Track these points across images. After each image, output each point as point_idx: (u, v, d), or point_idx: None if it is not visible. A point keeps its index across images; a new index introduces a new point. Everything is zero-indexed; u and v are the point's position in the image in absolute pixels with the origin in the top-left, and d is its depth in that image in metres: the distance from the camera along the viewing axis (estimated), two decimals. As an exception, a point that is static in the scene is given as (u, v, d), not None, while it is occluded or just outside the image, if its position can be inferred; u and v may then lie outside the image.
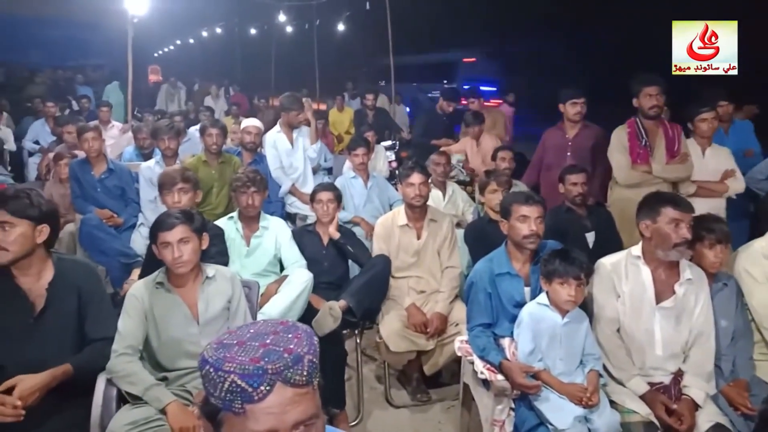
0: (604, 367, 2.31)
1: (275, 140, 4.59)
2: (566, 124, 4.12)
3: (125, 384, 2.04)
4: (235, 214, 3.24)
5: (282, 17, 12.81)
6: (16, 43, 19.39)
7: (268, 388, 0.89)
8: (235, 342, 0.94)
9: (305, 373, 0.92)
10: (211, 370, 0.91)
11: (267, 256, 3.16)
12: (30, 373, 1.91)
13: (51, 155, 4.86)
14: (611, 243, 3.18)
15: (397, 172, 5.90)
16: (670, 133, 3.61)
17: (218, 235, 2.89)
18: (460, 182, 4.79)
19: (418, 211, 3.16)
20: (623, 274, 2.35)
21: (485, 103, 7.22)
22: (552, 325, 2.25)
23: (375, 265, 3.06)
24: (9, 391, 1.86)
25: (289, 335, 0.96)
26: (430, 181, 3.44)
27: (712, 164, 3.68)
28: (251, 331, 0.97)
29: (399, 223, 3.19)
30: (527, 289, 2.45)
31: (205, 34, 20.60)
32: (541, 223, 2.44)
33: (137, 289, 2.21)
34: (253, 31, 16.98)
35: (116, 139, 6.46)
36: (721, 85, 4.48)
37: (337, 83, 10.80)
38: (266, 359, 0.90)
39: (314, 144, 4.69)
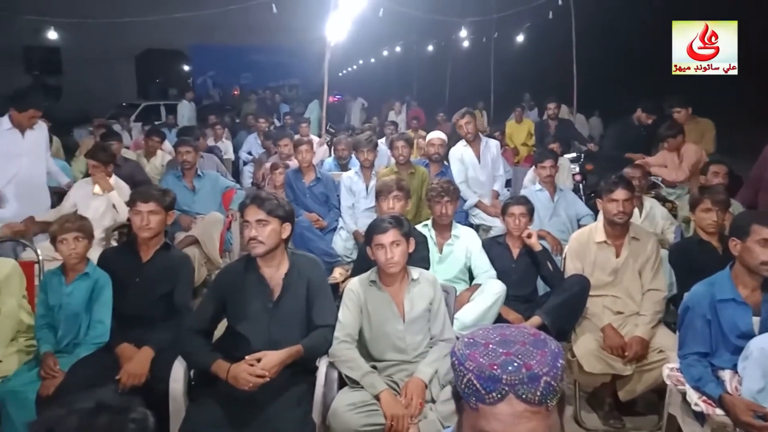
0: None
1: (462, 153, 4.72)
2: (794, 137, 3.61)
3: (345, 368, 2.28)
4: (429, 222, 3.42)
5: (462, 32, 13.03)
6: (229, 68, 22.81)
7: (498, 396, 0.92)
8: (482, 342, 0.98)
9: (539, 393, 0.92)
10: (456, 362, 0.98)
11: (458, 264, 3.27)
12: (268, 350, 2.21)
13: (267, 165, 5.58)
14: None
15: (581, 185, 5.66)
16: None
17: (422, 242, 3.07)
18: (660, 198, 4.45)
19: (618, 228, 3.01)
20: None
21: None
22: (788, 362, 2.00)
23: (574, 285, 2.97)
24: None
25: (535, 350, 0.95)
26: None
27: None
28: (502, 333, 1.00)
29: (596, 240, 3.08)
30: (756, 319, 2.21)
31: (385, 53, 21.90)
32: None
33: (354, 284, 2.47)
34: (430, 47, 17.56)
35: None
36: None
37: (514, 95, 10.69)
38: (503, 368, 0.92)
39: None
